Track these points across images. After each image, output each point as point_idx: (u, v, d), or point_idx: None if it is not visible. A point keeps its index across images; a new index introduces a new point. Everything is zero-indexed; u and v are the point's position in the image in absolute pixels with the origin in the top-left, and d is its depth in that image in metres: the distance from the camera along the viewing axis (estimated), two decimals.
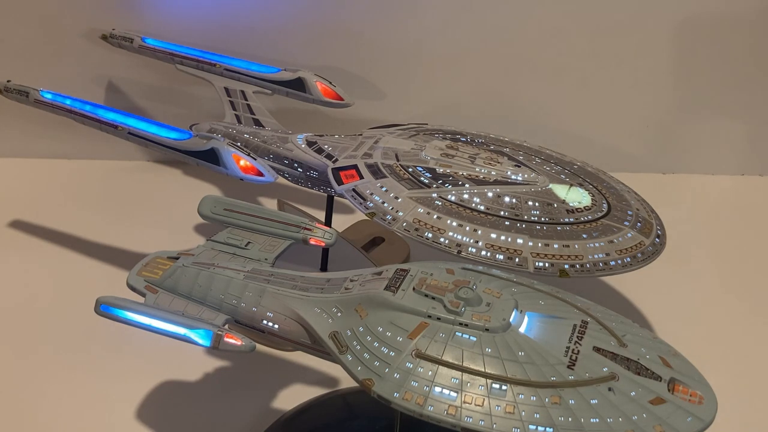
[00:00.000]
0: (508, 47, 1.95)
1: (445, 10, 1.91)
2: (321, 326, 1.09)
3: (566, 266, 1.30)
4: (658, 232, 1.41)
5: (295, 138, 1.59)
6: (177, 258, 1.22)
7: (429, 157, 1.46)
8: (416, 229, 1.35)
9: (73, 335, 1.53)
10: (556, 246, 1.31)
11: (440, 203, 1.37)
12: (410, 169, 1.44)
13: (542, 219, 1.35)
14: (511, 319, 1.03)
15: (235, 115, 1.71)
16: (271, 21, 1.93)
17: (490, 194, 1.38)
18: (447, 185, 1.40)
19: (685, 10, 1.91)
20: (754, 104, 2.02)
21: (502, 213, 1.35)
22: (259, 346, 1.16)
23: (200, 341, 1.09)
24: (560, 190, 1.40)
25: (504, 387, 0.97)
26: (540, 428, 0.95)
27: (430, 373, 0.99)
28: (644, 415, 0.95)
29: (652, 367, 1.00)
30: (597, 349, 1.01)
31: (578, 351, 1.00)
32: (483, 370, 0.99)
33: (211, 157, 1.49)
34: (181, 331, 1.10)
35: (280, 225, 1.25)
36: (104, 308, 1.13)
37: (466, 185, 1.40)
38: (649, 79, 1.99)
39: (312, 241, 1.24)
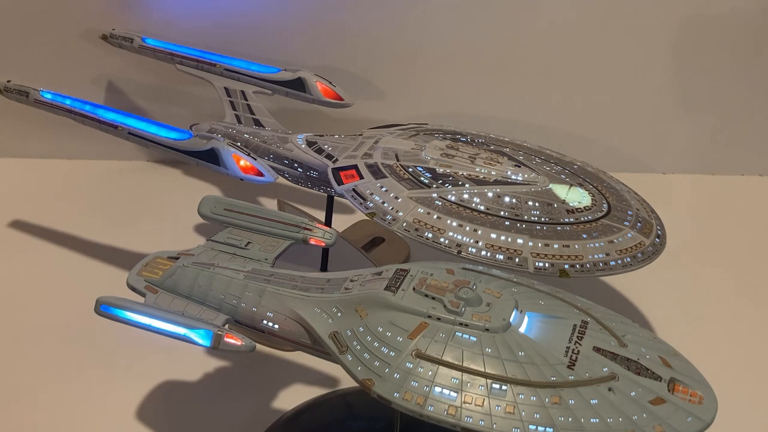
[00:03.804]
0: (508, 47, 1.95)
1: (445, 10, 1.91)
2: (321, 326, 1.09)
3: (566, 266, 1.30)
4: (658, 232, 1.41)
5: (295, 138, 1.59)
6: (177, 258, 1.22)
7: (429, 157, 1.46)
8: (416, 229, 1.35)
9: (73, 335, 1.53)
10: (556, 246, 1.31)
11: (440, 203, 1.37)
12: (410, 169, 1.44)
13: (542, 219, 1.35)
14: (511, 319, 1.03)
15: (235, 115, 1.71)
16: (270, 21, 1.93)
17: (490, 194, 1.38)
18: (447, 185, 1.40)
19: (685, 10, 1.91)
20: (754, 104, 2.02)
21: (502, 213, 1.35)
22: (259, 346, 1.16)
23: (200, 341, 1.09)
24: (560, 190, 1.40)
25: (504, 387, 0.97)
26: (540, 428, 0.95)
27: (430, 373, 0.99)
28: (644, 415, 0.95)
29: (652, 367, 1.00)
30: (597, 349, 1.01)
31: (578, 351, 1.00)
32: (483, 370, 0.99)
33: (211, 157, 1.49)
34: (181, 331, 1.10)
35: (280, 225, 1.25)
36: (104, 308, 1.13)
37: (466, 185, 1.40)
38: (649, 79, 1.99)
39: (312, 241, 1.24)
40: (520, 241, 1.32)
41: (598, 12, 1.91)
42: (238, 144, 1.55)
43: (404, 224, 1.36)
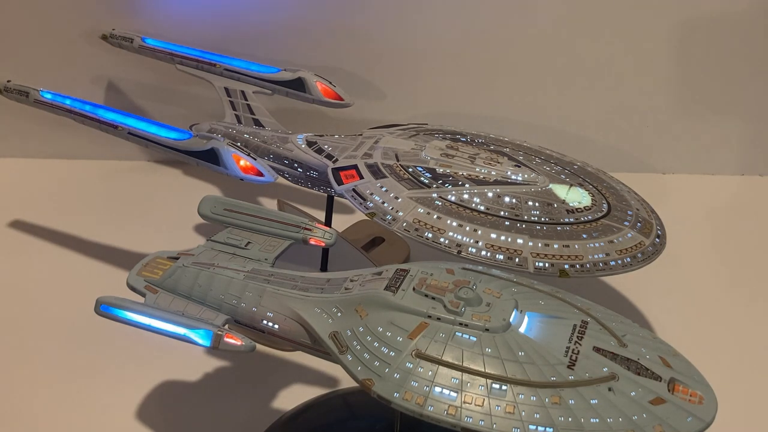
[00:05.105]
0: (508, 47, 1.95)
1: (445, 10, 1.91)
2: (321, 326, 1.09)
3: (566, 266, 1.30)
4: (658, 232, 1.41)
5: (295, 138, 1.59)
6: (177, 258, 1.22)
7: (429, 157, 1.46)
8: (416, 229, 1.35)
9: (73, 335, 1.53)
10: (556, 246, 1.31)
11: (440, 203, 1.37)
12: (410, 169, 1.44)
13: (542, 219, 1.35)
14: (511, 319, 1.03)
15: (235, 115, 1.71)
16: (270, 21, 1.93)
17: (490, 194, 1.38)
18: (447, 185, 1.40)
19: (685, 10, 1.91)
20: (754, 104, 2.02)
21: (502, 213, 1.35)
22: (259, 346, 1.16)
23: (200, 341, 1.09)
24: (560, 190, 1.40)
25: (504, 387, 0.97)
26: (540, 428, 0.94)
27: (430, 373, 0.99)
28: (644, 415, 0.95)
29: (652, 367, 1.00)
30: (597, 349, 1.01)
31: (578, 351, 1.00)
32: (483, 370, 0.99)
33: (211, 157, 1.49)
34: (181, 331, 1.10)
35: (280, 225, 1.25)
36: (104, 308, 1.13)
37: (466, 185, 1.40)
38: (649, 80, 1.99)
39: (312, 241, 1.24)
40: (520, 241, 1.32)
41: (598, 11, 1.91)
42: (238, 144, 1.55)
43: (404, 224, 1.36)
